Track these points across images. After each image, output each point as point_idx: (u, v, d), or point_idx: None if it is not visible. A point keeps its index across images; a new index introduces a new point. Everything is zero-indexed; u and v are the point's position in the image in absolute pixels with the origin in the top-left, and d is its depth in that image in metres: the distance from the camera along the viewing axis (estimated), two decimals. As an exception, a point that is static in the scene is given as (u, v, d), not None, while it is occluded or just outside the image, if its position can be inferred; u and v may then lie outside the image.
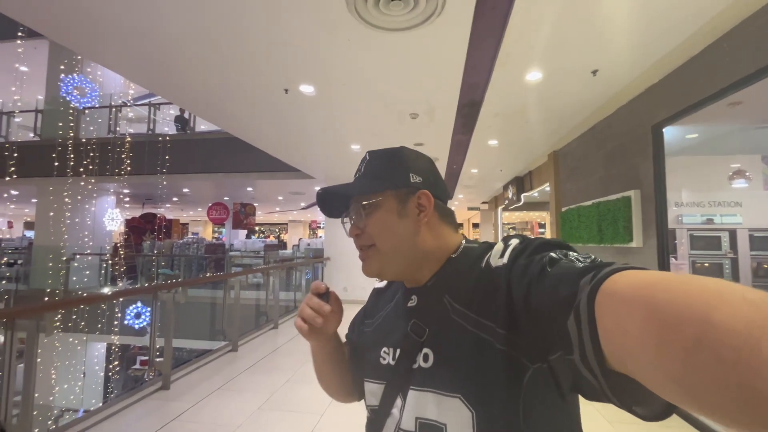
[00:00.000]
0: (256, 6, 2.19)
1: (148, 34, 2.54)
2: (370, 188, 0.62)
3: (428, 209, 0.61)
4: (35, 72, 9.07)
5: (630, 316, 0.33)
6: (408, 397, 0.54)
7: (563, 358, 0.42)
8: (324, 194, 0.64)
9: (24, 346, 2.45)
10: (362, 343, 0.70)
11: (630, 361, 0.34)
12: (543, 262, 0.46)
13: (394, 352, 0.60)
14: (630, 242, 3.49)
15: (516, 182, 7.87)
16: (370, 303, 0.75)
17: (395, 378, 0.57)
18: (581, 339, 0.38)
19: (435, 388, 0.52)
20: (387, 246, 0.60)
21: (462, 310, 0.53)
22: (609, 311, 0.35)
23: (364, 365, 0.66)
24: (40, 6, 2.25)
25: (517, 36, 2.46)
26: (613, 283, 0.36)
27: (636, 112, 3.45)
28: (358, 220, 0.62)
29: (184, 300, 3.92)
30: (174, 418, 2.78)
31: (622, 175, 3.72)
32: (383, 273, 0.62)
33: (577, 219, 4.65)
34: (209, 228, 21.63)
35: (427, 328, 0.56)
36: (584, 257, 0.46)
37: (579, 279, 0.40)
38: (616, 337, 0.34)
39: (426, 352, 0.55)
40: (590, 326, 0.37)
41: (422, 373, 0.54)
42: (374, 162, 0.64)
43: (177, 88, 3.49)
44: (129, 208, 13.22)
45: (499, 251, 0.54)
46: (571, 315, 0.39)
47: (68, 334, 6.96)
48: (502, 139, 5.02)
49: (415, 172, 0.62)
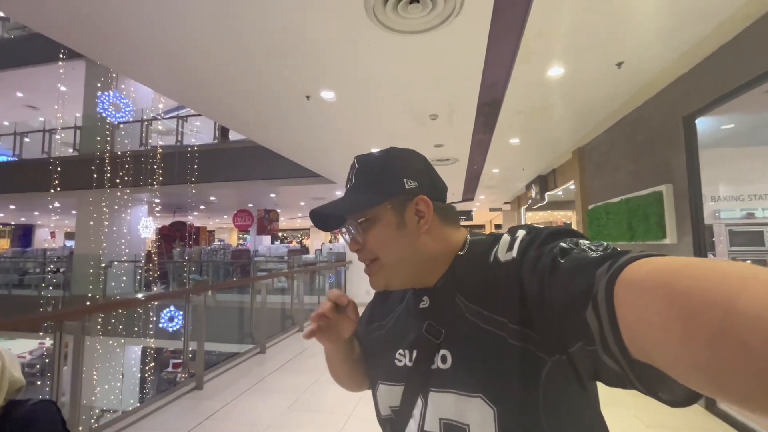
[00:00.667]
0: (278, 16, 2.26)
1: (177, 50, 2.67)
2: (364, 203, 0.59)
3: (428, 215, 0.59)
4: (74, 91, 9.67)
5: (651, 306, 0.32)
6: (429, 399, 0.54)
7: (584, 349, 0.41)
8: (317, 215, 0.62)
9: (68, 350, 2.60)
10: (373, 344, 0.69)
11: (653, 351, 0.33)
12: (554, 252, 0.45)
13: (410, 353, 0.59)
14: (663, 239, 3.35)
15: (539, 181, 7.70)
16: (377, 304, 0.73)
17: (414, 379, 0.57)
18: (602, 330, 0.37)
19: (455, 389, 0.51)
20: (391, 259, 0.59)
21: (475, 309, 0.53)
22: (629, 301, 0.34)
23: (378, 368, 0.64)
24: (81, 28, 2.41)
25: (538, 32, 2.43)
26: (631, 272, 0.35)
27: (666, 104, 3.33)
28: (357, 236, 0.60)
29: (213, 305, 4.05)
30: (207, 417, 2.87)
31: (653, 169, 3.58)
32: (391, 285, 0.61)
33: (605, 216, 4.50)
34: (234, 234, 22.26)
35: (443, 330, 0.55)
36: (596, 245, 0.44)
37: (595, 269, 0.39)
38: (637, 327, 0.34)
39: (444, 353, 0.54)
40: (610, 317, 0.36)
41: (441, 375, 0.54)
42: (364, 170, 0.61)
43: (205, 99, 3.65)
44: (160, 216, 13.80)
45: (507, 244, 0.53)
46: (589, 306, 0.38)
47: (107, 338, 7.34)
48: (523, 138, 4.94)
49: (409, 177, 0.60)
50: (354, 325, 0.67)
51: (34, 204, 11.79)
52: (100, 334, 6.95)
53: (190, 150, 8.56)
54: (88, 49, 2.75)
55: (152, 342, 7.48)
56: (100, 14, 2.25)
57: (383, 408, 0.62)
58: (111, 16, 2.27)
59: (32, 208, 13.13)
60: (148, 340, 7.40)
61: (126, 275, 8.89)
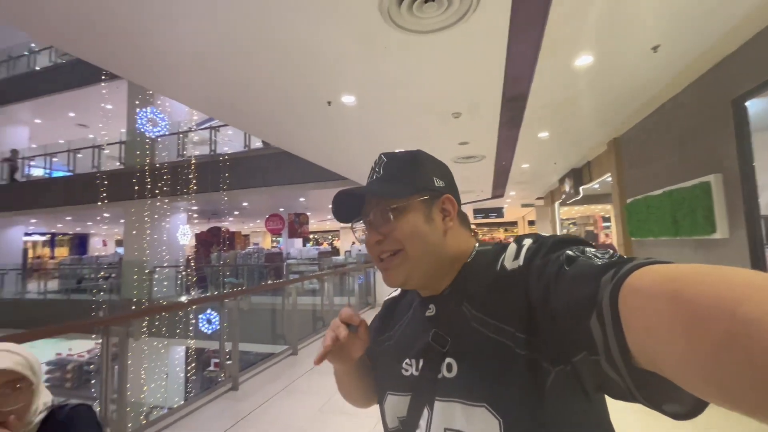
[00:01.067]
0: (298, 28, 2.30)
1: (209, 67, 2.80)
2: (396, 191, 0.59)
3: (452, 214, 0.60)
4: (118, 108, 10.39)
5: (656, 313, 0.32)
6: (435, 408, 0.53)
7: (587, 359, 0.40)
8: (342, 196, 0.61)
9: (117, 349, 2.79)
10: (382, 355, 0.68)
11: (658, 359, 0.32)
12: (560, 260, 0.45)
13: (416, 363, 0.58)
14: (713, 233, 3.09)
15: (573, 174, 7.37)
16: (384, 313, 0.73)
17: (420, 389, 0.56)
18: (606, 338, 0.37)
19: (461, 398, 0.51)
20: (417, 251, 0.58)
21: (481, 317, 0.52)
22: (634, 308, 0.34)
23: (386, 378, 0.64)
24: (120, 52, 2.58)
25: (563, 21, 2.31)
26: (636, 279, 0.35)
27: (710, 87, 3.06)
28: (382, 225, 0.58)
29: (247, 307, 4.19)
30: (242, 418, 2.97)
31: (698, 158, 3.32)
32: (409, 281, 0.60)
33: (645, 211, 4.22)
34: (268, 238, 23.00)
35: (449, 338, 0.55)
36: (602, 253, 0.44)
37: (600, 276, 0.39)
38: (642, 334, 0.33)
39: (449, 362, 0.54)
40: (614, 324, 0.36)
41: (447, 384, 0.53)
42: (394, 164, 0.62)
43: (233, 111, 3.79)
44: (197, 223, 14.51)
45: (513, 252, 0.53)
46: (593, 314, 0.38)
47: (152, 339, 7.82)
48: (553, 131, 4.74)
49: (437, 176, 0.61)
50: (365, 344, 0.65)
51: (87, 215, 12.78)
52: (145, 335, 7.41)
53: (222, 158, 8.94)
54: (126, 72, 2.94)
55: (193, 343, 7.88)
56: (138, 39, 2.40)
57: (391, 419, 0.61)
58: (148, 40, 2.41)
59: (86, 218, 14.24)
60: (189, 341, 7.80)
61: (167, 280, 9.43)
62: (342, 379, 0.73)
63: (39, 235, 20.55)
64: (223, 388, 3.54)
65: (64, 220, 14.61)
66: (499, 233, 27.44)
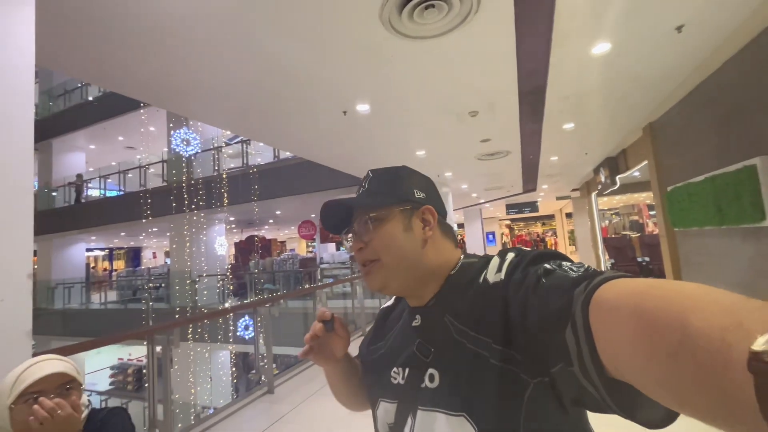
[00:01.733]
0: (305, 49, 2.40)
1: (235, 91, 3.01)
2: (377, 201, 0.62)
3: (432, 224, 0.62)
4: (159, 130, 11.17)
5: (619, 324, 0.34)
6: (417, 417, 0.55)
7: (564, 370, 0.41)
8: (328, 207, 0.64)
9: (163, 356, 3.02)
10: (375, 363, 0.70)
11: (623, 368, 0.34)
12: (538, 274, 0.46)
13: (403, 371, 0.61)
14: (762, 221, 2.83)
15: (608, 163, 6.97)
16: (378, 323, 0.76)
17: (406, 397, 0.58)
18: (579, 349, 0.38)
19: (442, 408, 0.52)
20: (392, 260, 0.60)
21: (462, 329, 0.54)
22: (601, 320, 0.36)
23: (378, 385, 0.66)
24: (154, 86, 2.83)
25: (571, 11, 2.23)
26: (604, 292, 0.37)
27: (751, 63, 2.81)
28: (363, 234, 0.62)
29: (279, 313, 4.36)
30: (278, 420, 3.11)
31: (742, 140, 3.05)
32: (387, 287, 0.62)
33: (687, 199, 3.93)
34: (303, 244, 23.66)
35: (432, 348, 0.57)
36: (578, 267, 0.46)
37: (573, 289, 0.41)
38: (609, 344, 0.35)
39: (432, 372, 0.55)
40: (586, 336, 0.37)
41: (429, 393, 0.55)
42: (378, 178, 0.65)
43: (256, 127, 3.99)
44: (236, 233, 15.22)
45: (496, 266, 0.55)
46: (568, 326, 0.39)
47: (197, 344, 8.32)
48: (578, 121, 4.54)
49: (419, 189, 0.64)
50: (345, 342, 0.70)
51: (138, 229, 13.82)
52: (191, 341, 7.90)
53: (252, 170, 9.35)
54: (161, 103, 3.21)
55: (233, 348, 8.29)
56: (170, 73, 2.62)
57: (381, 427, 0.63)
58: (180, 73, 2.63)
59: (137, 233, 15.39)
60: (230, 346, 8.22)
61: (209, 288, 9.99)
62: (331, 381, 0.77)
63: (99, 251, 22.50)
64: (259, 392, 3.71)
65: (119, 235, 15.88)
66: (537, 227, 26.37)
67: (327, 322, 0.67)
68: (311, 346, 0.68)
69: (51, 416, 0.89)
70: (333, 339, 0.69)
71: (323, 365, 0.72)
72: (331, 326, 0.67)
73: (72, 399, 0.99)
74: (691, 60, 3.10)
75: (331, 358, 0.70)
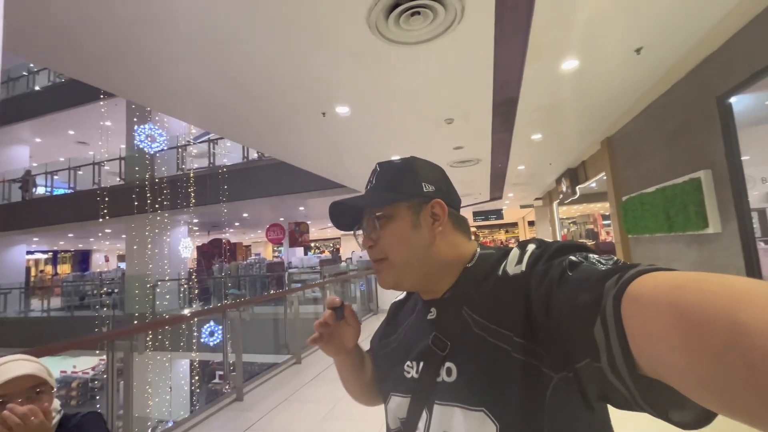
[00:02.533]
0: (288, 45, 2.38)
1: (205, 84, 2.87)
2: (383, 199, 0.61)
3: (442, 218, 0.60)
4: (117, 125, 10.50)
5: (658, 320, 0.32)
6: (434, 412, 0.54)
7: (590, 366, 0.40)
8: (336, 207, 0.63)
9: (122, 364, 2.82)
10: (387, 357, 0.69)
11: (660, 366, 0.32)
12: (563, 266, 0.45)
13: (417, 365, 0.59)
14: (705, 228, 3.13)
15: (569, 174, 7.42)
16: (390, 317, 0.74)
17: (420, 391, 0.57)
18: (609, 345, 0.36)
19: (460, 402, 0.51)
20: (400, 258, 0.59)
21: (482, 322, 0.52)
22: (636, 315, 0.34)
23: (390, 379, 0.65)
24: (116, 72, 2.66)
25: (546, 28, 2.38)
26: (639, 286, 0.35)
27: (696, 85, 3.13)
28: (371, 232, 0.61)
29: (249, 318, 4.22)
30: (247, 428, 2.99)
31: (688, 155, 3.37)
32: (399, 284, 0.62)
33: (640, 208, 4.27)
34: (269, 248, 23.02)
35: (449, 342, 0.55)
36: (606, 259, 0.44)
37: (603, 282, 0.39)
38: (644, 341, 0.33)
39: (449, 366, 0.54)
40: (618, 331, 0.35)
41: (446, 387, 0.53)
42: (385, 173, 0.63)
43: (229, 125, 3.87)
44: (198, 235, 14.56)
45: (516, 257, 0.53)
46: (597, 320, 0.37)
47: (156, 353, 7.83)
48: (545, 133, 4.80)
49: (428, 182, 0.62)
50: (356, 332, 0.68)
51: (89, 231, 12.85)
52: (149, 350, 7.43)
53: (221, 170, 9.02)
54: (123, 92, 3.01)
55: (196, 355, 7.89)
56: (135, 61, 2.47)
57: (392, 420, 0.62)
58: (145, 62, 2.48)
59: (88, 234, 14.30)
60: (193, 354, 7.81)
61: (170, 293, 9.46)
62: (342, 373, 0.74)
63: (41, 253, 20.63)
64: (227, 399, 3.56)
65: (66, 237, 14.69)
66: (500, 234, 27.35)
67: (337, 309, 0.65)
68: (321, 334, 0.66)
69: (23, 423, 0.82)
70: (343, 328, 0.67)
71: (333, 356, 0.70)
72: (342, 314, 0.65)
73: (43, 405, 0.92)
74: (647, 80, 3.40)
75: (341, 349, 0.68)
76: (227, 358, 3.89)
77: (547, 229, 12.89)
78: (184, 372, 9.37)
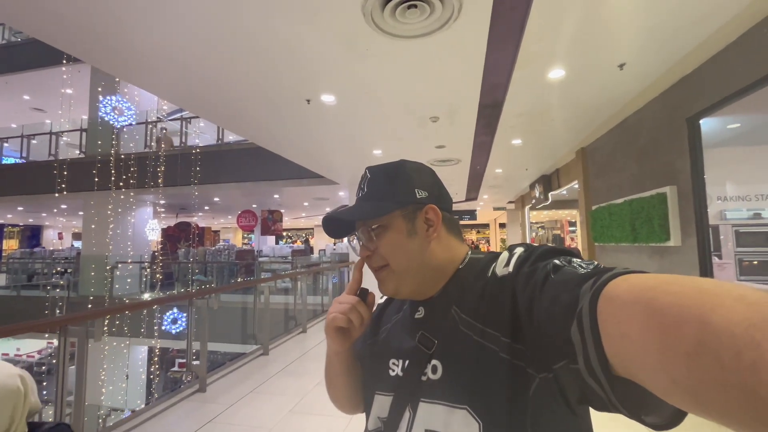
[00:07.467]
0: (278, 23, 2.27)
1: (180, 57, 2.69)
2: (377, 210, 0.60)
3: (437, 224, 0.61)
4: (80, 93, 9.76)
5: (630, 321, 0.33)
6: (418, 410, 0.54)
7: (568, 367, 0.41)
8: (329, 220, 0.63)
9: (75, 349, 2.64)
10: (371, 355, 0.68)
11: (633, 366, 0.33)
12: (547, 269, 0.46)
13: (402, 363, 0.59)
14: (667, 241, 3.32)
15: (543, 180, 7.66)
16: (376, 315, 0.73)
17: (403, 389, 0.57)
18: (585, 346, 0.37)
19: (444, 400, 0.51)
20: (401, 266, 0.60)
21: (469, 321, 0.53)
22: (610, 316, 0.35)
23: (374, 378, 0.64)
24: (81, 35, 2.44)
25: (538, 35, 2.41)
26: (613, 288, 0.36)
27: (669, 105, 3.29)
28: (368, 242, 0.61)
29: (217, 306, 4.08)
30: (210, 420, 2.90)
31: (657, 170, 3.55)
32: (399, 291, 0.62)
33: (608, 217, 4.47)
34: (239, 234, 22.37)
35: (436, 340, 0.56)
36: (587, 263, 0.45)
37: (581, 285, 0.40)
38: (618, 342, 0.34)
39: (435, 363, 0.54)
40: (593, 332, 0.36)
41: (431, 385, 0.54)
42: (376, 180, 0.63)
43: (206, 103, 3.67)
44: (165, 217, 13.90)
45: (504, 260, 0.54)
46: (574, 322, 0.38)
47: (113, 338, 7.42)
48: (526, 138, 4.92)
49: (420, 187, 0.62)
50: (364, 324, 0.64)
51: (42, 205, 11.95)
52: (106, 335, 7.04)
53: (194, 151, 8.62)
54: (91, 58, 2.78)
55: (157, 342, 7.56)
56: (104, 24, 2.27)
57: (372, 422, 0.61)
58: (115, 25, 2.29)
59: (40, 209, 13.30)
60: (153, 341, 7.47)
61: (131, 276, 8.98)
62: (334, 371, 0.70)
63: (-16, 226, 18.99)
64: (189, 390, 3.42)
65: (15, 210, 13.60)
66: (472, 235, 28.01)
67: (363, 291, 0.63)
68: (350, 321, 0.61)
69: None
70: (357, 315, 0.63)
71: (339, 347, 0.65)
72: (365, 297, 0.63)
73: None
74: (625, 95, 3.54)
75: (347, 338, 0.64)
76: (191, 346, 3.73)
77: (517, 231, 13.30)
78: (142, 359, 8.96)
